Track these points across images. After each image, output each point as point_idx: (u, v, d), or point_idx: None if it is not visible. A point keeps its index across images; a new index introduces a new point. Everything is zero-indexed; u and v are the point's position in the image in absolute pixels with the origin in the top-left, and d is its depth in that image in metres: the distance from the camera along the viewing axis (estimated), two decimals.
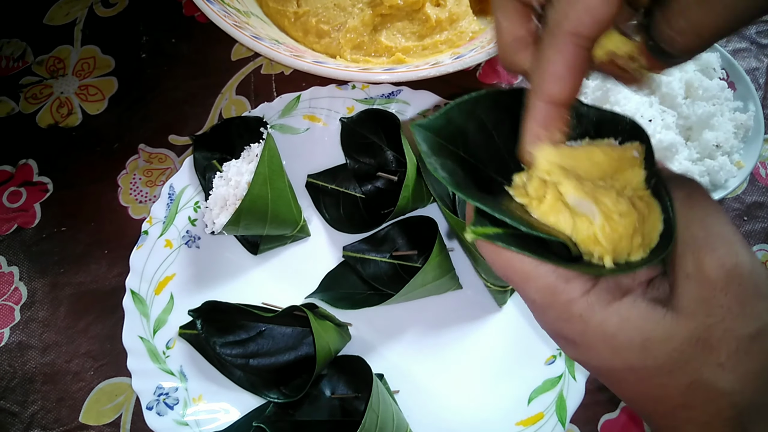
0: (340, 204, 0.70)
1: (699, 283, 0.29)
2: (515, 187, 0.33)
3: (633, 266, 0.30)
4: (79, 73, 0.79)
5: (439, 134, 0.32)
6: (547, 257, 0.30)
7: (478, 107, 0.33)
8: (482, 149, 0.34)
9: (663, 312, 0.30)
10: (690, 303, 0.29)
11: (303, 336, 0.63)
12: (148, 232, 0.65)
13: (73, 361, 0.66)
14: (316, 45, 0.72)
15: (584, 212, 0.31)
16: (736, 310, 0.28)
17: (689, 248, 0.30)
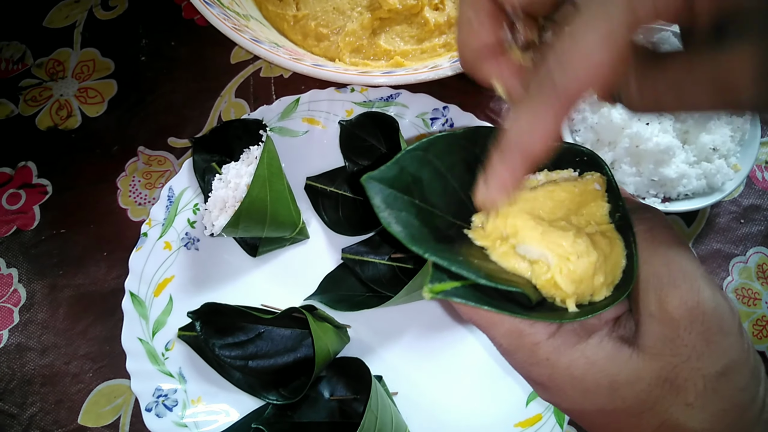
0: (339, 206, 0.70)
1: (662, 322, 0.29)
2: (474, 229, 0.33)
3: (596, 308, 0.30)
4: (79, 76, 0.79)
5: (393, 185, 0.31)
6: (507, 308, 0.29)
7: (430, 152, 0.33)
8: (439, 194, 0.33)
9: (629, 352, 0.30)
10: (655, 343, 0.29)
11: (302, 338, 0.63)
12: (147, 234, 0.65)
13: (72, 363, 0.66)
14: (315, 48, 0.73)
15: (538, 258, 0.31)
16: (701, 348, 0.29)
17: (651, 286, 0.30)
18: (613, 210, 0.32)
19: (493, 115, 0.75)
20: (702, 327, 0.29)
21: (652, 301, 0.30)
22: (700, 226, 0.71)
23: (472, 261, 0.30)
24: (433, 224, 0.32)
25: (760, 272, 0.69)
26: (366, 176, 0.31)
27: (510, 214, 0.32)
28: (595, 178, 0.33)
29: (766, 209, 0.71)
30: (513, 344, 0.32)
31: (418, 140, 0.33)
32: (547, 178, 0.34)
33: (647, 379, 0.29)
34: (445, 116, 0.70)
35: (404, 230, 0.30)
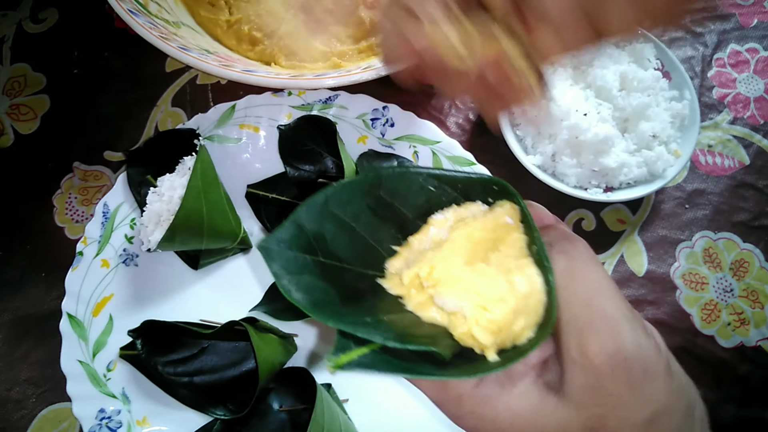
0: (282, 213, 0.69)
1: (585, 369, 0.28)
2: (389, 276, 0.32)
3: (518, 354, 0.29)
4: (10, 92, 0.76)
5: (291, 246, 0.30)
6: (420, 370, 0.28)
7: (330, 204, 0.31)
8: (346, 246, 0.32)
9: (555, 402, 0.29)
10: (579, 392, 0.28)
11: (247, 350, 0.62)
12: (83, 252, 0.63)
13: (13, 389, 0.64)
14: (250, 53, 0.71)
15: (455, 310, 0.29)
16: (627, 397, 0.28)
17: (572, 330, 0.29)
18: (530, 242, 0.31)
19: (435, 113, 0.75)
20: (625, 374, 0.28)
21: (573, 347, 0.28)
22: (645, 214, 0.71)
23: (381, 319, 0.29)
24: (342, 281, 0.31)
25: (707, 256, 0.69)
26: (260, 242, 0.29)
27: (425, 260, 0.31)
28: (506, 210, 0.32)
29: (710, 193, 0.72)
30: (438, 397, 0.31)
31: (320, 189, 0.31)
32: (455, 216, 0.32)
33: (575, 430, 0.28)
34: (385, 116, 0.69)
35: (306, 296, 0.28)
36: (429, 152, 0.67)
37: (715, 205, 0.71)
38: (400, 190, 0.33)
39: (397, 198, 0.33)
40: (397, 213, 0.33)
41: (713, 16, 0.80)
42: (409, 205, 0.33)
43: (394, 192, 0.33)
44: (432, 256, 0.30)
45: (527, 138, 0.68)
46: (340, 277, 0.31)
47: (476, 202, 0.33)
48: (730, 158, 0.73)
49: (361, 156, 0.67)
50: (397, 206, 0.33)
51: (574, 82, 0.68)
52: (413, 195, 0.33)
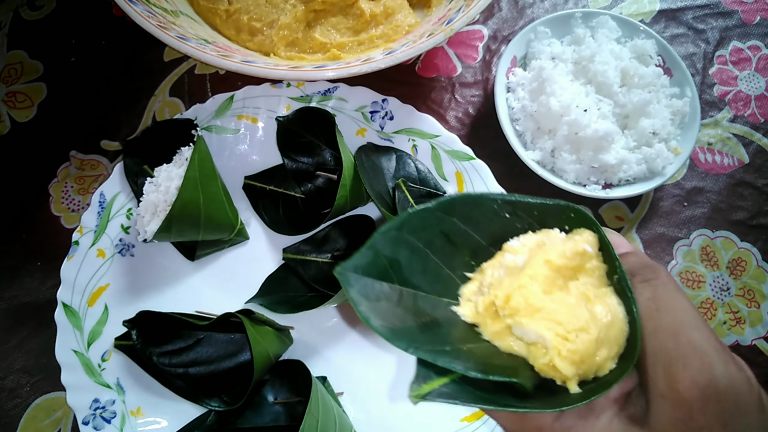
0: (279, 205, 0.68)
1: (674, 403, 0.27)
2: (464, 302, 0.32)
3: (602, 386, 0.28)
4: (6, 80, 0.76)
5: (368, 272, 0.30)
6: (501, 402, 0.28)
7: (404, 230, 0.31)
8: (420, 273, 0.32)
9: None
10: (667, 426, 0.27)
11: (243, 342, 0.62)
12: (78, 242, 0.63)
13: (7, 378, 0.64)
14: (249, 43, 0.71)
15: (535, 340, 0.29)
16: (718, 430, 0.26)
17: (660, 362, 0.28)
18: (610, 271, 0.30)
19: (435, 106, 0.74)
20: (717, 407, 0.26)
21: (661, 380, 0.27)
22: (644, 211, 0.71)
23: (461, 348, 0.29)
24: (418, 308, 0.31)
25: (704, 255, 0.69)
26: (339, 268, 0.29)
27: (502, 287, 0.30)
28: (584, 238, 0.31)
29: (708, 191, 0.71)
30: (516, 429, 0.30)
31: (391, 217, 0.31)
32: (532, 242, 0.32)
33: None
34: (384, 109, 0.68)
35: (384, 323, 0.28)
36: (428, 146, 0.67)
37: (713, 203, 0.71)
38: (474, 216, 0.33)
39: (470, 224, 0.33)
40: (471, 239, 0.33)
41: (715, 12, 0.79)
42: (482, 231, 0.33)
43: (467, 218, 0.32)
44: (509, 283, 0.30)
45: (527, 133, 0.67)
46: (415, 304, 0.31)
47: (554, 229, 0.32)
48: (729, 156, 0.73)
49: (359, 149, 0.66)
50: (470, 232, 0.33)
51: (575, 77, 0.67)
52: (487, 221, 0.33)
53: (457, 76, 0.76)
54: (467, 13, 0.61)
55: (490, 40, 0.78)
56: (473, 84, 0.76)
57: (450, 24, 0.62)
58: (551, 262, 0.30)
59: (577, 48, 0.69)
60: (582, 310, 0.29)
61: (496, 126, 0.67)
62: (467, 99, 0.75)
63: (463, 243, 0.33)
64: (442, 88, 0.75)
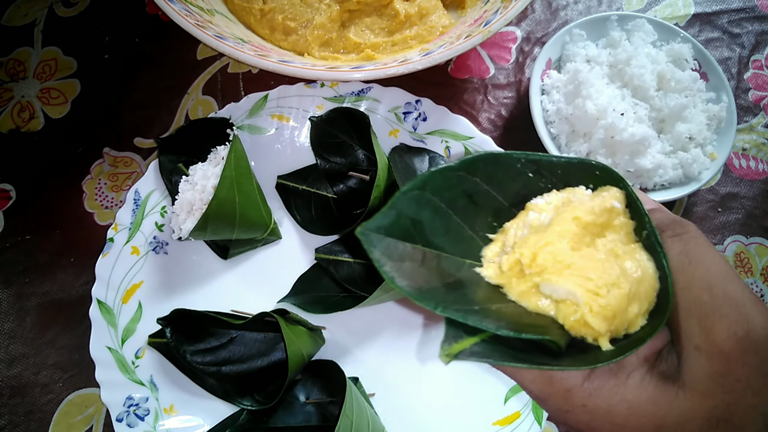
0: (311, 205, 0.68)
1: (711, 356, 0.26)
2: (487, 264, 0.31)
3: (634, 343, 0.27)
4: (41, 76, 0.76)
5: (391, 232, 0.29)
6: (533, 360, 0.27)
7: (427, 190, 0.31)
8: (443, 234, 0.31)
9: (674, 391, 0.27)
10: (704, 379, 0.27)
11: (275, 341, 0.62)
12: (113, 239, 0.63)
13: (41, 373, 0.65)
14: (283, 43, 0.71)
15: (565, 297, 0.28)
16: (758, 383, 0.26)
17: (694, 315, 0.27)
18: (638, 227, 0.30)
19: (468, 108, 0.74)
20: (756, 359, 0.26)
21: (697, 333, 0.27)
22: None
23: (489, 308, 0.28)
24: (441, 269, 0.30)
25: (738, 261, 0.69)
26: (361, 228, 0.28)
27: (528, 245, 0.29)
28: (612, 195, 0.30)
29: (743, 197, 0.71)
30: (543, 391, 0.29)
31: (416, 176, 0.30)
32: (558, 200, 0.31)
33: (698, 421, 0.26)
34: (417, 110, 0.68)
35: (410, 283, 0.28)
36: (461, 148, 0.67)
37: (747, 209, 0.70)
38: (497, 176, 0.32)
39: (493, 184, 0.32)
40: (494, 200, 0.32)
41: (751, 16, 0.78)
42: (505, 191, 0.32)
43: (490, 177, 0.32)
44: (534, 241, 0.29)
45: (561, 136, 0.67)
46: (439, 265, 0.30)
47: (579, 187, 0.31)
48: (764, 162, 0.72)
49: (392, 150, 0.66)
50: (493, 193, 0.32)
51: (610, 80, 0.67)
52: (510, 181, 0.32)
53: (489, 77, 0.76)
54: (505, 15, 0.61)
55: (524, 41, 0.77)
56: (506, 86, 0.75)
57: (488, 26, 0.61)
58: (579, 219, 0.29)
59: (612, 51, 0.68)
60: (612, 265, 0.28)
61: (529, 128, 0.67)
62: (500, 101, 0.75)
63: (486, 203, 0.32)
64: (474, 90, 0.75)
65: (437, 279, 0.29)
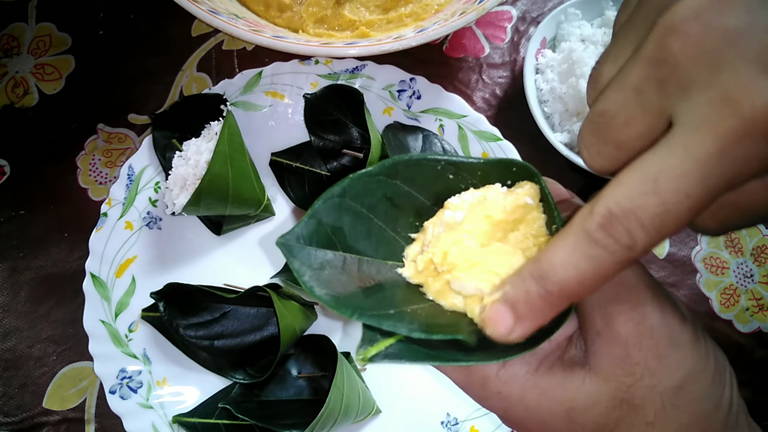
0: (305, 182, 0.69)
1: (610, 341, 0.28)
2: (408, 265, 0.32)
3: (542, 335, 0.28)
4: (35, 52, 0.76)
5: (311, 241, 0.30)
6: (446, 357, 0.28)
7: (347, 196, 0.31)
8: (364, 238, 0.32)
9: (582, 376, 0.29)
10: (605, 363, 0.28)
11: (268, 316, 0.62)
12: (107, 214, 0.63)
13: (35, 347, 0.65)
14: (278, 19, 0.70)
15: (474, 293, 0.29)
16: (654, 364, 0.28)
17: (596, 303, 0.29)
18: (549, 221, 0.30)
19: (462, 86, 0.74)
20: (651, 342, 0.28)
21: (598, 320, 0.29)
22: None
23: (405, 310, 0.29)
24: (362, 273, 0.31)
25: (729, 241, 0.69)
26: (280, 239, 0.29)
27: (440, 244, 0.30)
28: (526, 191, 0.30)
29: None
30: (463, 381, 0.31)
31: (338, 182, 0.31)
32: (473, 198, 0.31)
33: (603, 403, 0.28)
34: (412, 88, 0.68)
35: (328, 292, 0.28)
36: (455, 126, 0.67)
37: None
38: (418, 179, 0.32)
39: (414, 185, 0.32)
40: (415, 200, 0.33)
41: None
42: (426, 192, 0.33)
43: (411, 180, 0.32)
44: (446, 239, 0.30)
45: (554, 115, 0.67)
46: (360, 269, 0.31)
47: (495, 184, 0.32)
48: None
49: (386, 128, 0.66)
50: (414, 193, 0.32)
51: None
52: (431, 182, 0.32)
53: (484, 56, 0.76)
54: None
55: (519, 21, 0.77)
56: (501, 65, 0.75)
57: (482, 3, 0.61)
58: (491, 217, 0.30)
59: (607, 30, 0.68)
60: (519, 259, 0.29)
61: (523, 107, 0.67)
62: (495, 80, 0.75)
63: (407, 204, 0.33)
64: (469, 69, 0.75)
65: (357, 284, 0.30)
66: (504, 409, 0.30)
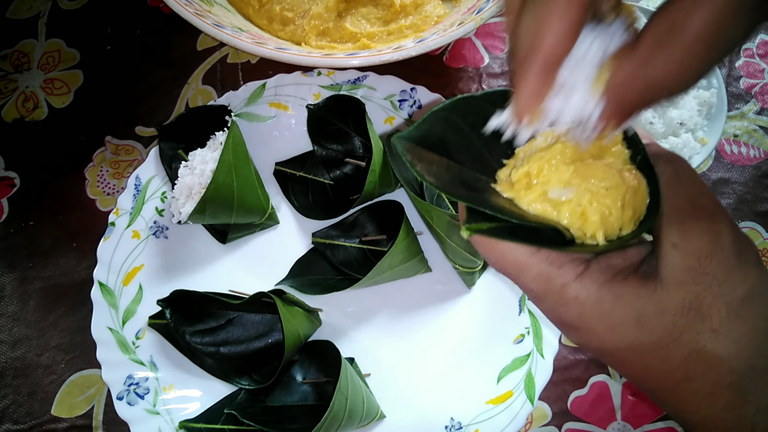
0: (308, 191, 0.70)
1: (684, 252, 0.30)
2: (500, 183, 0.34)
3: (624, 239, 0.31)
4: (44, 67, 0.78)
5: (420, 143, 0.33)
6: (541, 244, 0.31)
7: (453, 113, 0.34)
8: (464, 152, 0.34)
9: (654, 285, 0.30)
10: (677, 272, 0.30)
11: (273, 323, 0.63)
12: (115, 223, 0.65)
13: (43, 355, 0.66)
14: (281, 33, 0.72)
15: (569, 197, 0.31)
16: (722, 276, 0.29)
17: (674, 220, 0.30)
18: (633, 154, 0.32)
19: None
20: (722, 255, 0.29)
21: (675, 233, 0.30)
22: None
23: (503, 207, 0.31)
24: (462, 178, 0.33)
25: None
26: (396, 135, 0.32)
27: (535, 160, 0.32)
28: None
29: (734, 182, 0.72)
30: (542, 288, 0.32)
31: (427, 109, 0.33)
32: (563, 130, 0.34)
33: (672, 310, 0.30)
34: (412, 97, 0.70)
35: (436, 180, 0.31)
36: None
37: (739, 194, 0.71)
38: None
39: None
40: None
41: None
42: None
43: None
44: (541, 156, 0.32)
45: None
46: (459, 174, 0.34)
47: None
48: (755, 148, 0.73)
49: (388, 136, 0.67)
50: None
51: None
52: None
53: (484, 66, 0.77)
54: (498, 2, 0.62)
55: None
56: (500, 75, 0.76)
57: (480, 13, 0.63)
58: (577, 146, 0.32)
59: None
60: (611, 172, 0.31)
61: None
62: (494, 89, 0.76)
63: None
64: (469, 79, 0.76)
65: (459, 183, 0.33)
66: (578, 314, 0.31)
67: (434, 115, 0.33)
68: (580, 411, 0.63)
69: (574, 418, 0.63)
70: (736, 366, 0.29)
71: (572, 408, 0.63)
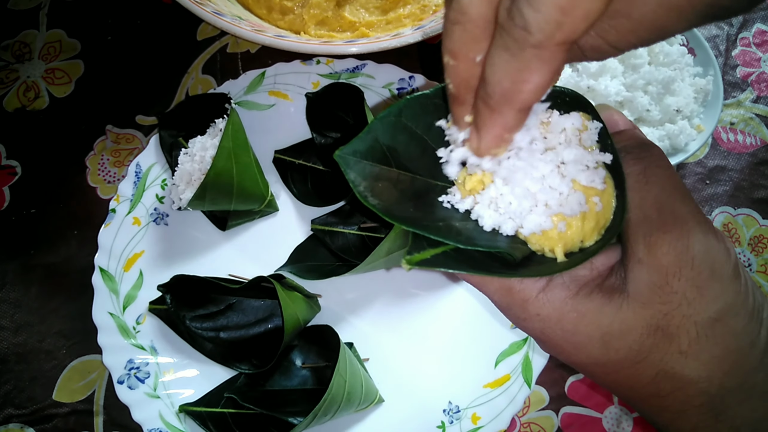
0: (307, 178, 0.70)
1: (651, 269, 0.28)
2: (458, 186, 0.32)
3: (586, 255, 0.29)
4: (46, 57, 0.79)
5: (367, 156, 0.30)
6: (490, 269, 0.29)
7: (403, 117, 0.31)
8: (418, 158, 0.32)
9: (619, 302, 0.29)
10: (644, 290, 0.28)
11: (273, 308, 0.64)
12: (115, 210, 0.65)
13: (45, 341, 0.66)
14: (280, 22, 0.73)
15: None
16: (692, 295, 0.28)
17: (641, 230, 0.29)
18: (602, 149, 0.30)
19: None
20: (692, 272, 0.28)
21: (641, 248, 0.29)
22: None
23: (453, 224, 0.30)
24: (414, 189, 0.31)
25: (726, 231, 0.70)
26: (338, 151, 0.30)
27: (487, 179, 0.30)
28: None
29: (730, 170, 0.72)
30: (504, 300, 0.32)
31: (386, 107, 0.31)
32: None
33: (638, 329, 0.28)
34: (411, 86, 0.70)
35: (381, 203, 0.29)
36: None
37: (735, 181, 0.72)
38: None
39: None
40: None
41: None
42: None
43: None
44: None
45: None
46: (411, 186, 0.32)
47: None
48: (751, 136, 0.74)
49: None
50: None
51: None
52: None
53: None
54: None
55: None
56: None
57: None
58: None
59: None
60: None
61: None
62: None
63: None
64: None
65: (408, 198, 0.31)
66: (541, 330, 0.31)
67: (381, 121, 0.31)
68: (578, 395, 0.63)
69: (571, 403, 0.63)
70: (706, 388, 0.28)
71: (569, 392, 0.63)
